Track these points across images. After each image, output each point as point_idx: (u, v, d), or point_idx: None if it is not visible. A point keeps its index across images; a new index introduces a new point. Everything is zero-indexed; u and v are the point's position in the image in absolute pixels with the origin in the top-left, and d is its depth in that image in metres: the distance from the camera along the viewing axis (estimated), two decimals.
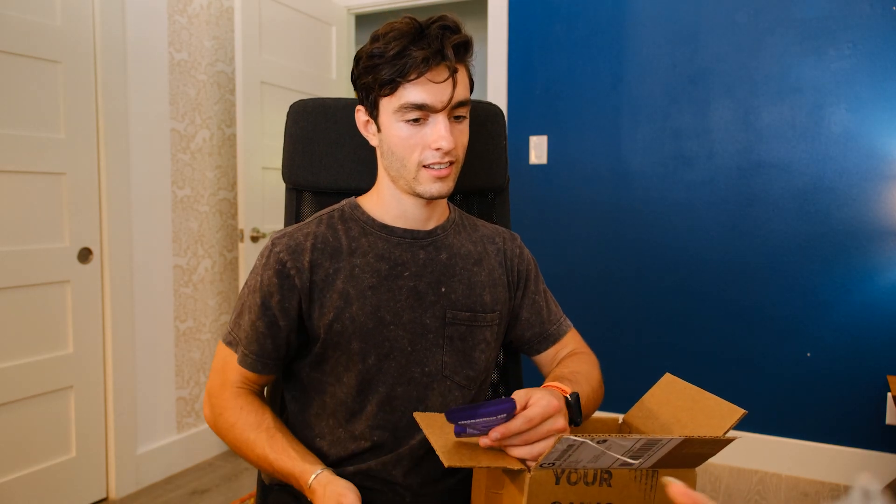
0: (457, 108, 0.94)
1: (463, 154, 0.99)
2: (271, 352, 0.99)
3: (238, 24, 2.50)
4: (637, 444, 0.73)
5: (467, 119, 0.99)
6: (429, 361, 1.00)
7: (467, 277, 1.04)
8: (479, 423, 0.78)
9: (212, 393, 1.01)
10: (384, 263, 0.99)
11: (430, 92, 0.91)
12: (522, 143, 2.88)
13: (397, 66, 0.90)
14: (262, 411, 0.98)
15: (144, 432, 2.41)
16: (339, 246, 1.00)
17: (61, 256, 2.12)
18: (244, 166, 2.56)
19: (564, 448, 0.71)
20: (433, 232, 1.04)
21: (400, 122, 0.94)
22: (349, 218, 1.03)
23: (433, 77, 0.91)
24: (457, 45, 0.91)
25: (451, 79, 0.92)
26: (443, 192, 0.97)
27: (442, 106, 0.92)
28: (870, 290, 2.35)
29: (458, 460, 0.75)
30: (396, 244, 1.01)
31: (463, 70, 0.95)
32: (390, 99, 0.94)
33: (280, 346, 0.99)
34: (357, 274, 0.98)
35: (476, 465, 0.76)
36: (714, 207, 2.58)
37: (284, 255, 0.97)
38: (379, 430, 0.99)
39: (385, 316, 0.98)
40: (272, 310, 0.96)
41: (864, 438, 2.39)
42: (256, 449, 0.94)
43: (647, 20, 2.64)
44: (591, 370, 1.05)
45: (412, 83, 0.91)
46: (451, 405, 1.01)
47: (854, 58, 2.34)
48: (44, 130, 2.05)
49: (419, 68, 0.89)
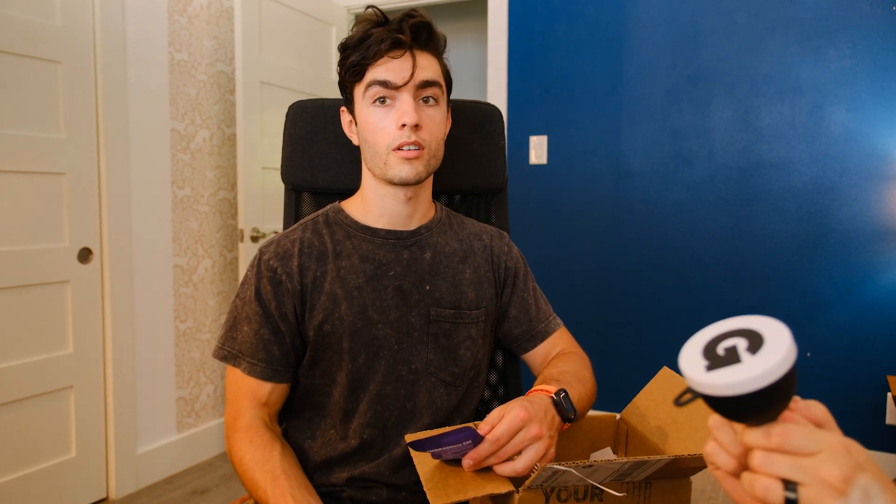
0: (424, 88, 0.96)
1: (435, 142, 0.99)
2: (280, 358, 0.98)
3: (238, 24, 2.50)
4: (625, 467, 0.72)
5: (440, 107, 1.00)
6: (415, 359, 1.01)
7: (452, 275, 1.05)
8: (447, 450, 0.78)
9: (227, 424, 0.99)
10: (369, 264, 1.01)
11: (391, 69, 0.95)
12: (522, 143, 2.88)
13: (361, 50, 0.96)
14: (270, 447, 0.94)
15: (144, 432, 2.41)
16: (325, 249, 1.01)
17: (61, 256, 2.12)
18: (244, 166, 2.56)
19: (549, 475, 0.71)
20: (417, 232, 1.05)
21: (369, 106, 0.97)
22: (333, 222, 1.05)
23: (394, 55, 0.95)
24: (416, 26, 0.95)
25: (410, 54, 0.95)
26: (411, 177, 0.96)
27: (403, 81, 0.94)
28: (870, 291, 2.35)
29: (444, 496, 0.75)
30: (380, 245, 1.03)
31: (429, 56, 0.98)
32: (360, 85, 0.98)
33: (287, 352, 0.99)
34: (343, 275, 0.99)
35: (464, 497, 0.75)
36: (714, 207, 2.57)
37: (274, 262, 0.98)
38: (369, 428, 1.00)
39: (372, 315, 0.99)
40: (273, 316, 0.97)
41: (864, 438, 2.38)
42: (258, 490, 0.91)
43: (647, 20, 2.64)
44: (581, 369, 1.05)
45: (376, 64, 0.95)
46: (437, 402, 1.02)
47: (854, 58, 2.34)
48: (44, 130, 2.05)
49: (378, 47, 0.94)
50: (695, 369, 0.49)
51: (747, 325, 0.50)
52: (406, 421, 1.01)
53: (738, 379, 0.45)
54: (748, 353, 0.47)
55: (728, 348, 0.49)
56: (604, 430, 1.01)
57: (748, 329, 0.50)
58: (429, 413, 1.01)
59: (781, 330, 0.48)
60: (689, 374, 0.49)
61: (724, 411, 0.49)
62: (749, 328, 0.50)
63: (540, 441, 0.80)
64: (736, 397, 0.46)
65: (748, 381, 0.45)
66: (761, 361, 0.46)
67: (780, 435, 0.46)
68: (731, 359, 0.47)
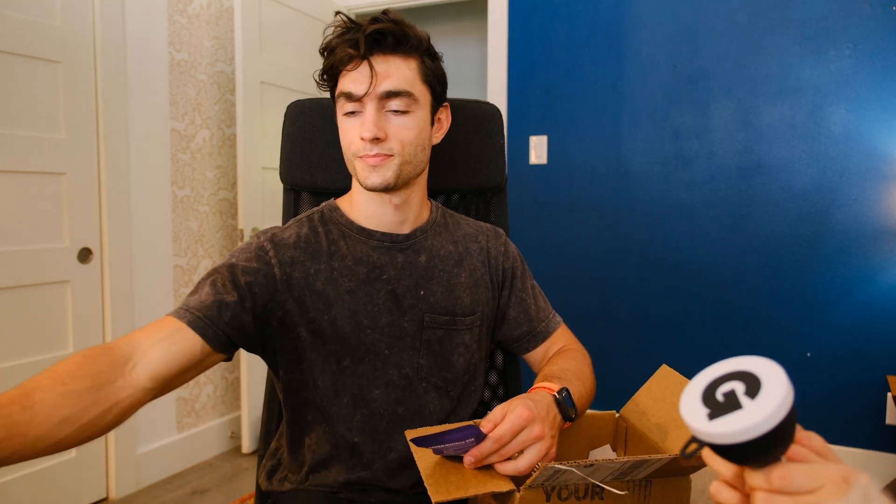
0: (388, 98, 0.93)
1: (408, 150, 0.95)
2: (226, 323, 0.86)
3: (238, 24, 2.50)
4: (625, 466, 0.73)
5: (414, 113, 0.96)
6: (406, 364, 0.99)
7: (447, 279, 1.03)
8: (449, 447, 0.78)
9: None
10: (362, 267, 0.99)
11: (353, 80, 0.94)
12: (522, 143, 2.88)
13: (329, 59, 0.96)
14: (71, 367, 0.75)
15: (144, 432, 2.41)
16: (320, 247, 0.99)
17: (61, 256, 2.12)
18: (244, 166, 2.56)
19: (551, 474, 0.71)
20: (412, 235, 1.04)
21: (342, 116, 0.97)
22: (328, 220, 1.03)
23: (351, 67, 0.94)
24: (376, 34, 0.92)
25: (367, 64, 0.92)
26: (378, 184, 0.94)
27: (362, 93, 0.92)
28: (870, 291, 2.35)
29: (445, 493, 0.75)
30: (375, 247, 1.01)
31: (398, 61, 0.94)
32: (336, 93, 0.98)
33: (237, 325, 0.88)
34: (336, 277, 0.97)
35: (465, 495, 0.75)
36: (714, 207, 2.57)
37: (268, 245, 0.96)
38: (358, 432, 0.98)
39: (362, 320, 0.97)
40: (242, 288, 0.90)
41: (864, 438, 2.38)
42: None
43: (647, 20, 2.64)
44: (582, 366, 1.04)
45: (342, 75, 0.95)
46: (429, 407, 1.01)
47: (854, 58, 2.34)
48: (44, 130, 2.06)
49: (339, 57, 0.93)
50: (697, 419, 0.49)
51: (743, 368, 0.51)
52: (398, 426, 0.99)
53: (739, 427, 0.46)
54: (747, 398, 0.48)
55: (727, 393, 0.50)
56: (603, 428, 1.01)
57: (744, 371, 0.51)
58: (421, 418, 1.00)
59: (777, 371, 0.49)
60: (693, 424, 0.49)
61: (729, 456, 0.50)
62: (745, 370, 0.51)
63: (542, 441, 0.80)
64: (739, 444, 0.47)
65: (749, 428, 0.46)
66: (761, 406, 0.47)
67: (782, 478, 0.47)
68: (731, 405, 0.48)
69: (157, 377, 0.79)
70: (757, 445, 0.47)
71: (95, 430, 0.74)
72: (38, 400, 0.69)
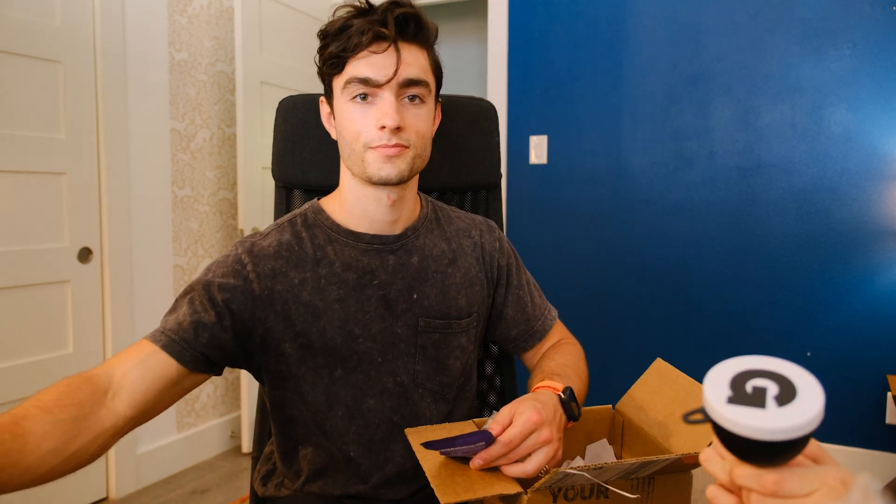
0: (408, 86, 0.88)
1: (421, 142, 0.91)
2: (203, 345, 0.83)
3: (238, 24, 2.50)
4: (634, 466, 0.73)
5: (427, 105, 0.92)
6: (401, 371, 0.95)
7: (441, 281, 0.99)
8: (458, 450, 0.78)
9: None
10: (352, 273, 0.93)
11: (373, 64, 0.87)
12: (522, 143, 2.88)
13: (340, 40, 0.87)
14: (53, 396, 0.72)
15: (144, 432, 2.42)
16: (305, 255, 0.93)
17: (61, 256, 2.12)
18: (244, 166, 2.57)
19: (560, 478, 0.71)
20: (403, 235, 0.98)
21: (348, 102, 0.89)
22: (313, 224, 0.97)
23: (376, 49, 0.87)
24: (403, 18, 0.87)
25: (394, 49, 0.87)
26: (393, 176, 0.89)
27: (385, 80, 0.86)
28: (870, 291, 2.34)
29: (453, 494, 0.74)
30: (364, 251, 0.95)
31: (416, 49, 0.90)
32: (339, 78, 0.90)
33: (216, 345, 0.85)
34: (324, 286, 0.92)
35: (472, 496, 0.75)
36: (714, 207, 2.57)
37: (245, 258, 0.90)
38: (354, 445, 0.95)
39: (354, 329, 0.92)
40: (219, 306, 0.86)
41: (864, 438, 2.38)
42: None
43: (647, 20, 2.63)
44: (578, 362, 1.04)
45: (356, 58, 0.87)
46: (425, 412, 0.98)
47: (854, 58, 2.34)
48: (44, 130, 2.06)
49: (359, 39, 0.86)
50: (716, 396, 0.48)
51: (784, 372, 0.49)
52: (394, 435, 0.96)
53: (755, 424, 0.45)
54: (774, 403, 0.46)
55: (757, 388, 0.48)
56: (599, 422, 1.01)
57: (784, 376, 0.48)
58: (417, 424, 0.97)
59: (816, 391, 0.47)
60: (710, 400, 0.48)
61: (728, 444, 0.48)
62: (785, 375, 0.48)
63: (550, 444, 0.79)
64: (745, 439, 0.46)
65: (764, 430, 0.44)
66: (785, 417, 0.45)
67: (776, 482, 0.46)
68: (756, 400, 0.46)
69: (135, 404, 0.78)
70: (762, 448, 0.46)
71: (80, 460, 0.73)
72: (27, 429, 0.68)
